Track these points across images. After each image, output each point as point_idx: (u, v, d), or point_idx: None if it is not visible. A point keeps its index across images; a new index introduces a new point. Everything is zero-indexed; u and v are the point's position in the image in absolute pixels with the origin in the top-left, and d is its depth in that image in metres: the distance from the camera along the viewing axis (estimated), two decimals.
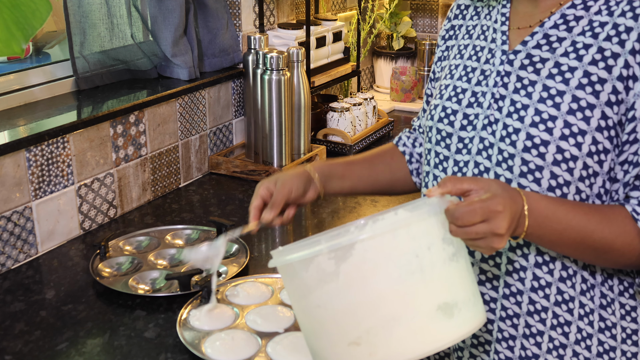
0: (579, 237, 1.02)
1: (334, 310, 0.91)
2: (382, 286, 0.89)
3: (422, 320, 0.89)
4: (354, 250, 0.88)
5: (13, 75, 1.84)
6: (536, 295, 1.11)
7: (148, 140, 1.94)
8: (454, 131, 1.18)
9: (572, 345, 1.12)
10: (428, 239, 0.90)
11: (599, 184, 1.07)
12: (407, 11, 3.10)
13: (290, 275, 0.96)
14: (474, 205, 0.91)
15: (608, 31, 1.05)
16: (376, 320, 0.89)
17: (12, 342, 1.32)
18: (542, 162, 1.06)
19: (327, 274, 0.90)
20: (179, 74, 2.10)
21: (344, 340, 0.91)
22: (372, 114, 2.54)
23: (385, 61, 3.07)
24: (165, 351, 1.30)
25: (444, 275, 0.91)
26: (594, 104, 1.04)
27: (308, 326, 0.97)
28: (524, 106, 1.09)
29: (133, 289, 1.48)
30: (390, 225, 0.88)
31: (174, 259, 1.62)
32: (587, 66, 1.05)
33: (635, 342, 1.13)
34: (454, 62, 1.23)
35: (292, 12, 2.53)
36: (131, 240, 1.70)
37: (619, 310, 1.12)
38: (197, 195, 2.02)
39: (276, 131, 2.11)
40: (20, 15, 0.80)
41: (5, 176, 1.56)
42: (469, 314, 0.92)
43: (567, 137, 1.05)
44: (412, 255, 0.89)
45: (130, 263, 1.60)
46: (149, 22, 2.08)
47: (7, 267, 1.59)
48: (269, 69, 2.06)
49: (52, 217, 1.68)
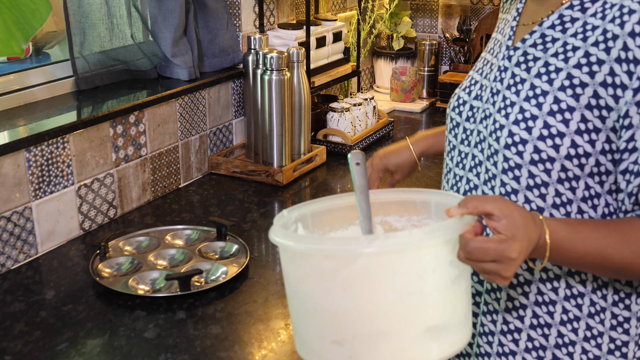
0: (597, 261, 1.00)
1: (326, 307, 0.91)
2: (377, 300, 0.89)
3: (408, 340, 0.90)
4: (359, 260, 0.88)
5: (13, 76, 1.84)
6: (540, 310, 1.10)
7: (148, 140, 1.94)
8: (461, 122, 1.19)
9: (551, 348, 1.10)
10: (435, 262, 0.90)
11: (582, 187, 1.05)
12: (407, 11, 3.10)
13: (288, 259, 0.95)
14: (488, 244, 0.90)
15: (597, 36, 1.03)
16: (364, 330, 0.89)
17: (12, 343, 1.32)
18: (521, 161, 1.06)
19: (326, 273, 0.90)
20: (179, 74, 2.10)
21: (329, 337, 0.91)
22: (372, 114, 2.54)
23: (385, 61, 3.07)
24: (165, 351, 1.30)
25: (442, 299, 0.91)
26: (573, 106, 1.03)
27: (297, 310, 0.96)
28: (511, 103, 1.09)
29: (133, 289, 1.48)
30: (400, 245, 0.87)
31: (174, 259, 1.62)
32: (571, 69, 1.04)
33: (624, 355, 1.10)
34: (482, 54, 1.25)
35: (292, 12, 2.53)
36: (131, 241, 1.70)
37: (610, 320, 1.10)
38: (197, 196, 2.02)
39: (276, 131, 2.10)
40: (20, 15, 0.80)
41: (5, 176, 1.56)
42: (454, 337, 0.92)
43: (545, 137, 1.04)
44: (415, 276, 0.88)
45: (130, 263, 1.59)
46: (149, 22, 2.08)
47: (7, 268, 1.59)
48: (269, 69, 2.06)
49: (52, 217, 1.68)
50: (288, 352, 1.31)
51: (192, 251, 1.64)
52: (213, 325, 1.38)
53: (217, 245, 1.68)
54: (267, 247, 1.74)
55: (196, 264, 1.58)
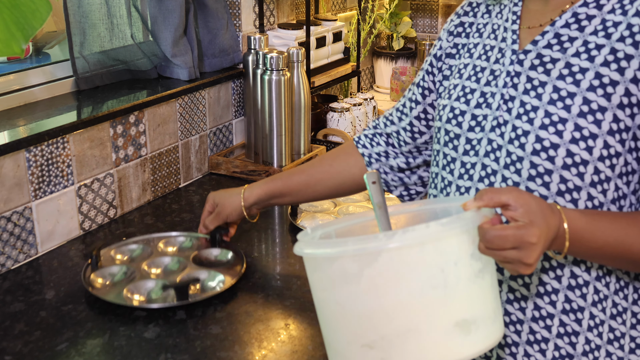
0: (616, 252, 0.99)
1: (352, 311, 0.91)
2: (402, 297, 0.88)
3: (438, 335, 0.89)
4: (380, 257, 0.88)
5: (13, 76, 1.84)
6: (542, 301, 1.09)
7: (148, 140, 1.94)
8: (462, 132, 1.15)
9: (579, 356, 1.09)
10: (456, 254, 0.89)
11: (612, 189, 1.03)
12: (407, 11, 3.10)
13: (313, 267, 0.96)
14: (507, 231, 0.89)
15: (622, 31, 1.01)
16: (392, 329, 0.89)
17: (12, 343, 1.32)
18: (552, 166, 1.03)
19: (350, 275, 0.89)
20: (179, 74, 2.10)
21: (358, 341, 0.91)
22: (372, 114, 2.54)
23: (385, 61, 3.07)
24: (165, 351, 1.30)
25: (467, 292, 0.90)
26: (605, 106, 1.01)
27: (325, 318, 0.96)
28: (533, 108, 1.05)
29: (128, 300, 1.44)
30: (419, 237, 0.87)
31: (167, 268, 1.56)
32: (599, 67, 1.02)
33: None
34: (464, 62, 1.20)
35: (292, 12, 2.53)
36: (123, 249, 1.64)
37: (630, 320, 1.09)
38: (197, 196, 2.02)
39: (276, 131, 2.10)
40: (20, 15, 0.80)
41: (5, 176, 1.56)
42: (486, 332, 0.91)
43: (577, 140, 1.01)
44: (437, 269, 0.88)
45: (124, 273, 1.53)
46: (149, 22, 2.08)
47: (7, 268, 1.59)
48: (269, 69, 2.06)
49: (52, 217, 1.68)
50: (288, 352, 1.31)
51: (186, 259, 1.58)
52: (213, 325, 1.38)
53: (211, 252, 1.61)
54: (267, 247, 1.74)
55: (192, 272, 1.53)
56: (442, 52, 1.28)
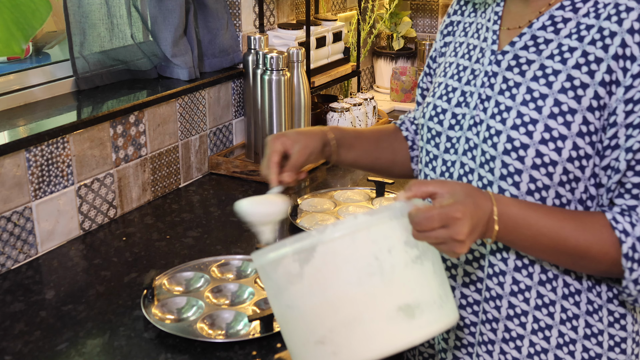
0: (552, 243, 1.01)
1: (301, 310, 0.94)
2: (343, 287, 0.92)
3: (382, 321, 0.92)
4: (316, 252, 0.92)
5: (13, 76, 1.84)
6: (516, 299, 1.10)
7: (148, 140, 1.94)
8: (443, 130, 1.17)
9: (553, 349, 1.10)
10: (389, 241, 0.93)
11: (581, 189, 1.05)
12: (407, 11, 3.10)
13: (264, 277, 1.00)
14: (432, 212, 0.93)
15: (593, 35, 1.02)
16: (338, 321, 0.92)
17: (12, 343, 1.32)
18: (521, 166, 1.05)
19: (293, 276, 0.93)
20: (179, 74, 2.10)
21: (311, 339, 0.94)
22: (372, 114, 2.54)
23: (385, 61, 3.07)
24: (165, 351, 1.30)
25: (406, 278, 0.93)
26: (575, 108, 1.02)
27: (282, 325, 1.00)
28: (507, 108, 1.07)
29: (207, 335, 1.33)
30: (349, 228, 0.92)
31: (236, 296, 1.46)
32: (571, 70, 1.03)
33: (623, 351, 1.11)
34: (449, 60, 1.22)
35: (292, 12, 2.53)
36: (177, 278, 1.51)
37: (607, 318, 1.10)
38: (197, 196, 2.02)
39: (276, 131, 2.10)
40: (20, 15, 0.80)
41: (5, 176, 1.56)
42: (432, 316, 0.94)
43: (547, 141, 1.03)
44: (372, 257, 0.92)
45: (191, 305, 1.42)
46: (149, 22, 2.08)
47: (7, 268, 1.59)
48: (269, 69, 2.06)
49: (52, 217, 1.68)
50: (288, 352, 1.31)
51: (249, 284, 1.48)
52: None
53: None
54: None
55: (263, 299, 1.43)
56: (436, 53, 1.31)
